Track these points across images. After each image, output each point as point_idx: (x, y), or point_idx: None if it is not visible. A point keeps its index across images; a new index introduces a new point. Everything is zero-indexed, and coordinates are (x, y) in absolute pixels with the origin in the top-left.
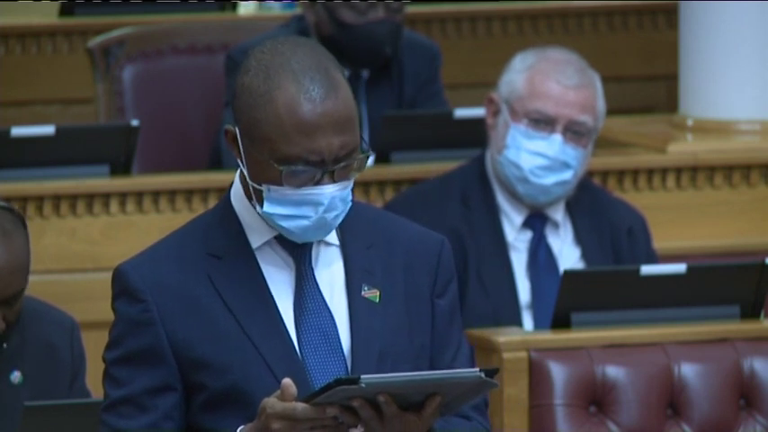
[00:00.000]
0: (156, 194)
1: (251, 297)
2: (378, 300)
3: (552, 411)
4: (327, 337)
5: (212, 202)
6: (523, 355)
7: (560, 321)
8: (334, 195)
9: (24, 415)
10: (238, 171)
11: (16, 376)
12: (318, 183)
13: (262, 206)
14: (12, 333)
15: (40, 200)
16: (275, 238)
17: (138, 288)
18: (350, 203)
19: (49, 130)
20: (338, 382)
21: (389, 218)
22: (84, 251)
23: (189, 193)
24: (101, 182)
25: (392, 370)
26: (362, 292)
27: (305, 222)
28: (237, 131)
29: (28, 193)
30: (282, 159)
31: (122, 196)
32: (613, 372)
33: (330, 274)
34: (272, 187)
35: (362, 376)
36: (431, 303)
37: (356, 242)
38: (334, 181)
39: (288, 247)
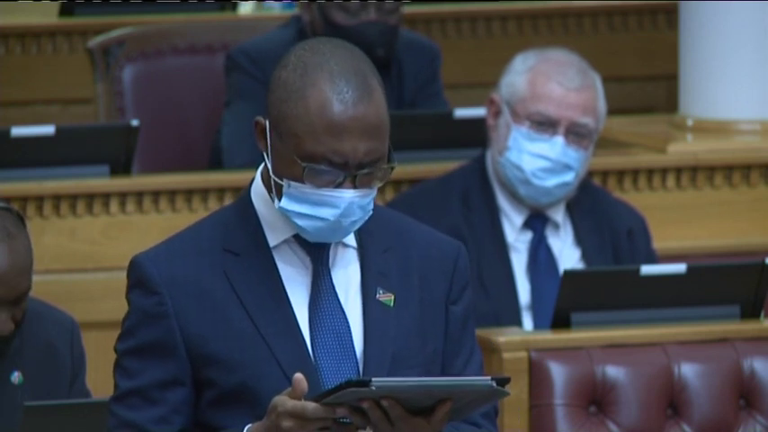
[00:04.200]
0: (155, 194)
1: (266, 295)
2: (392, 304)
3: (552, 411)
4: (341, 340)
5: (212, 202)
6: (523, 355)
7: (560, 321)
8: (352, 201)
9: (24, 415)
10: (260, 168)
11: (16, 376)
12: (339, 186)
13: (280, 200)
14: (13, 333)
15: (40, 200)
16: (293, 237)
17: (154, 280)
18: (370, 212)
19: (49, 130)
20: (349, 383)
21: (407, 221)
22: (84, 251)
23: (189, 193)
24: (101, 182)
25: (404, 375)
26: (377, 296)
27: (320, 224)
28: (267, 124)
29: (28, 193)
30: (306, 157)
31: (122, 196)
32: (613, 372)
33: (346, 276)
34: (293, 183)
35: (373, 379)
36: (445, 309)
37: (374, 245)
38: (355, 187)
39: (305, 246)
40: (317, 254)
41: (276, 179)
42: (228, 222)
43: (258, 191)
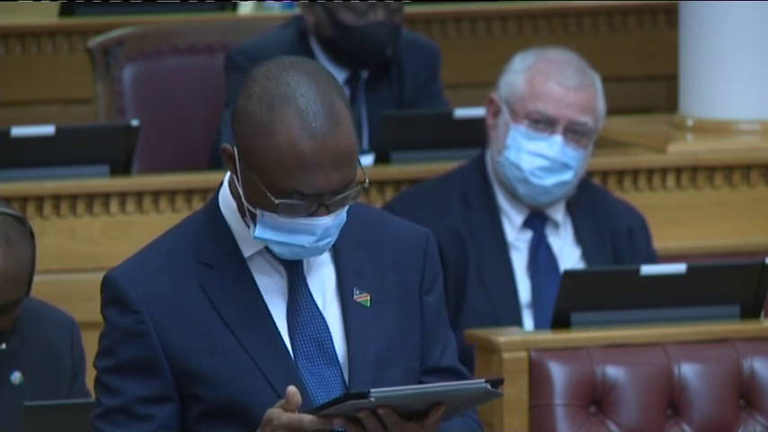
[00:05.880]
0: (155, 194)
1: (244, 308)
2: (369, 304)
3: (552, 411)
4: (322, 346)
5: None
6: (523, 355)
7: (560, 321)
8: (328, 226)
9: (24, 415)
10: (227, 177)
11: (16, 376)
12: (313, 214)
13: (255, 225)
14: (11, 334)
15: (40, 200)
16: (266, 247)
17: (131, 298)
18: (344, 220)
19: (49, 130)
20: (348, 396)
21: (376, 214)
22: (85, 251)
23: (189, 193)
24: (101, 182)
25: (387, 373)
26: (354, 297)
27: (297, 249)
28: (236, 152)
29: (28, 193)
30: (279, 192)
31: (122, 196)
32: (613, 372)
33: (321, 279)
34: (267, 213)
35: (372, 390)
36: (419, 301)
37: (346, 243)
38: (329, 212)
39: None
40: (292, 262)
41: (250, 207)
42: (200, 232)
43: (227, 202)
